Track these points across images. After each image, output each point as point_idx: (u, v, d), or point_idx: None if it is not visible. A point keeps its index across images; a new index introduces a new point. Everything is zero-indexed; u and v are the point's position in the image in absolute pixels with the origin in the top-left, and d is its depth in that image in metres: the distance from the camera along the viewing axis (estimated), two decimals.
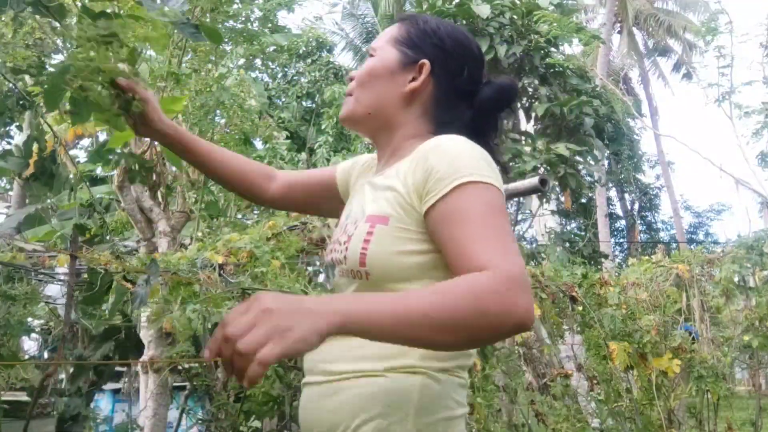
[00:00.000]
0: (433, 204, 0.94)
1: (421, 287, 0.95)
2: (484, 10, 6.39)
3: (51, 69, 1.34)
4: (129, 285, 2.06)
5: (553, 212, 10.20)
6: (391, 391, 0.94)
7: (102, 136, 10.35)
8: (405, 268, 0.97)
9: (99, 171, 9.34)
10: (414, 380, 0.95)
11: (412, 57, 1.11)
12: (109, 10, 1.20)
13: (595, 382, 3.24)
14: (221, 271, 2.26)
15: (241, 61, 8.05)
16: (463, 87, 1.12)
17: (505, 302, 0.82)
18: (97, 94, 1.21)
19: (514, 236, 0.93)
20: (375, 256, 0.98)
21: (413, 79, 1.10)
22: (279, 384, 2.18)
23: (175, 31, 1.43)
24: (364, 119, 1.15)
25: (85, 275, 2.28)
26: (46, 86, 1.27)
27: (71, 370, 2.76)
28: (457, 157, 0.96)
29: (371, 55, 1.17)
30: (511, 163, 6.60)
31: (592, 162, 7.23)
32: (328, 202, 1.32)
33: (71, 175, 7.81)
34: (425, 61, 1.10)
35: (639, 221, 23.22)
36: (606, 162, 16.14)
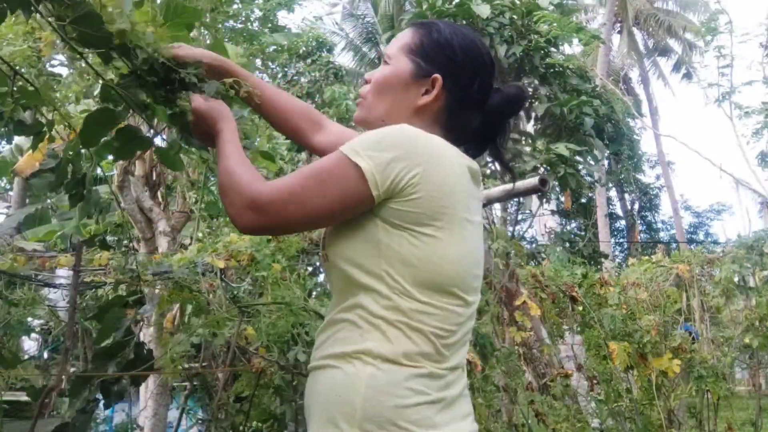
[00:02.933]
0: None
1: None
2: (484, 10, 6.39)
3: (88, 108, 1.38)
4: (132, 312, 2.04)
5: (553, 212, 10.20)
6: (342, 382, 1.04)
7: None
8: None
9: (99, 171, 9.34)
10: (363, 372, 1.03)
11: (425, 69, 1.16)
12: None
13: (595, 382, 3.24)
14: (223, 276, 2.25)
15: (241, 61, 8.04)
16: (473, 98, 1.17)
17: (234, 199, 1.06)
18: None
19: (310, 184, 1.04)
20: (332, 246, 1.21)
21: (426, 92, 1.15)
22: (279, 401, 2.18)
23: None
24: (377, 126, 1.19)
25: (88, 279, 2.28)
26: (84, 123, 1.31)
27: (72, 370, 2.76)
28: (368, 135, 1.07)
29: (386, 62, 1.21)
30: (511, 163, 6.60)
31: (592, 162, 7.24)
32: None
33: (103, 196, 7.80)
34: (438, 76, 1.15)
35: (639, 221, 23.22)
36: (606, 162, 16.12)
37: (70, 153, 1.51)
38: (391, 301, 1.04)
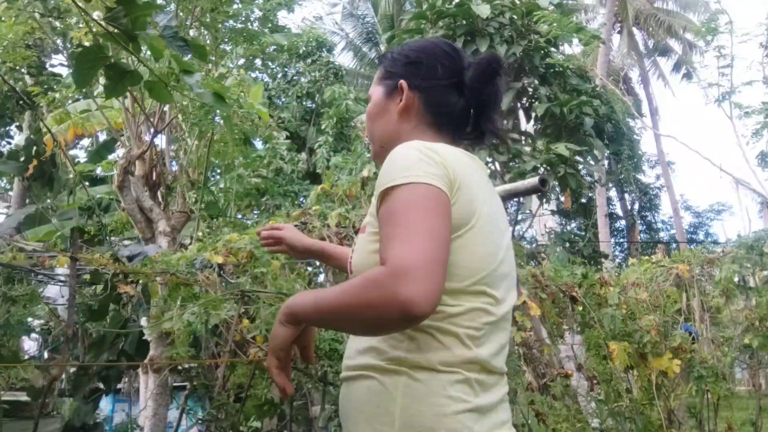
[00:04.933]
0: (377, 215, 1.07)
1: None
2: (484, 10, 6.38)
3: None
4: (127, 288, 2.07)
5: (553, 212, 10.20)
6: (380, 393, 1.05)
7: (102, 136, 10.34)
8: (376, 265, 1.05)
9: (99, 171, 9.34)
10: (398, 382, 1.03)
11: (391, 84, 1.25)
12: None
13: (595, 382, 3.24)
14: (221, 272, 2.26)
15: (241, 61, 8.05)
16: (445, 82, 1.22)
17: (385, 293, 0.90)
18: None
19: (425, 224, 0.97)
20: (356, 261, 1.14)
21: (401, 101, 1.23)
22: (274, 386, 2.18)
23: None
24: (382, 153, 1.24)
25: (86, 276, 2.28)
26: (75, 63, 1.33)
27: (72, 370, 2.76)
28: (391, 163, 1.07)
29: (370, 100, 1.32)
30: (511, 163, 6.61)
31: (592, 162, 7.23)
32: None
33: (70, 176, 7.81)
34: (401, 81, 1.23)
35: (639, 221, 23.21)
36: (606, 162, 16.13)
37: (33, 135, 1.55)
38: None
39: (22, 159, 8.26)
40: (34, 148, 7.79)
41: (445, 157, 1.06)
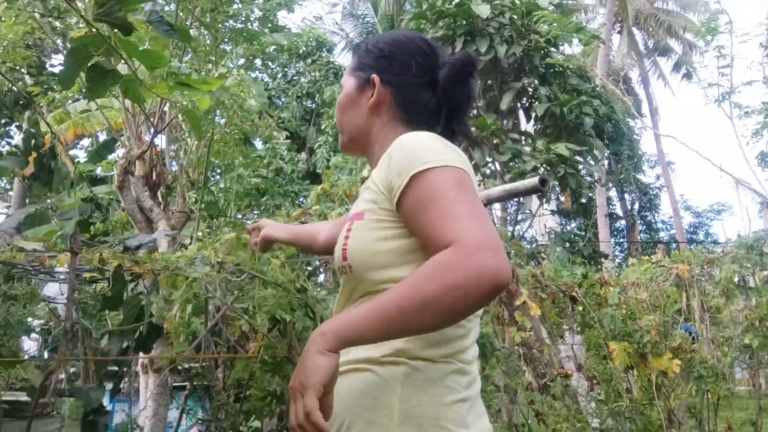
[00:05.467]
0: (399, 199, 1.03)
1: (399, 273, 1.02)
2: (484, 10, 6.39)
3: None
4: (142, 270, 2.10)
5: (553, 212, 10.19)
6: (377, 385, 1.02)
7: (102, 136, 10.34)
8: (382, 254, 1.05)
9: (99, 171, 9.34)
10: (396, 372, 1.01)
11: (363, 77, 1.23)
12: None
13: (595, 382, 3.24)
14: (221, 269, 2.26)
15: (241, 61, 8.05)
16: (418, 79, 1.20)
17: (470, 269, 0.89)
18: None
19: (476, 204, 0.99)
20: (354, 247, 1.07)
21: (372, 95, 1.21)
22: (277, 378, 2.18)
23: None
24: (351, 145, 1.29)
25: (85, 275, 2.29)
26: (64, 62, 1.32)
27: (72, 370, 2.76)
28: (411, 149, 1.04)
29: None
30: (511, 163, 6.60)
31: (592, 162, 7.23)
32: None
33: (70, 171, 7.82)
34: (374, 75, 1.21)
35: (639, 221, 23.22)
36: (606, 162, 16.14)
37: (32, 129, 1.55)
38: None
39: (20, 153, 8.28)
40: (33, 141, 7.82)
41: (454, 148, 1.08)
